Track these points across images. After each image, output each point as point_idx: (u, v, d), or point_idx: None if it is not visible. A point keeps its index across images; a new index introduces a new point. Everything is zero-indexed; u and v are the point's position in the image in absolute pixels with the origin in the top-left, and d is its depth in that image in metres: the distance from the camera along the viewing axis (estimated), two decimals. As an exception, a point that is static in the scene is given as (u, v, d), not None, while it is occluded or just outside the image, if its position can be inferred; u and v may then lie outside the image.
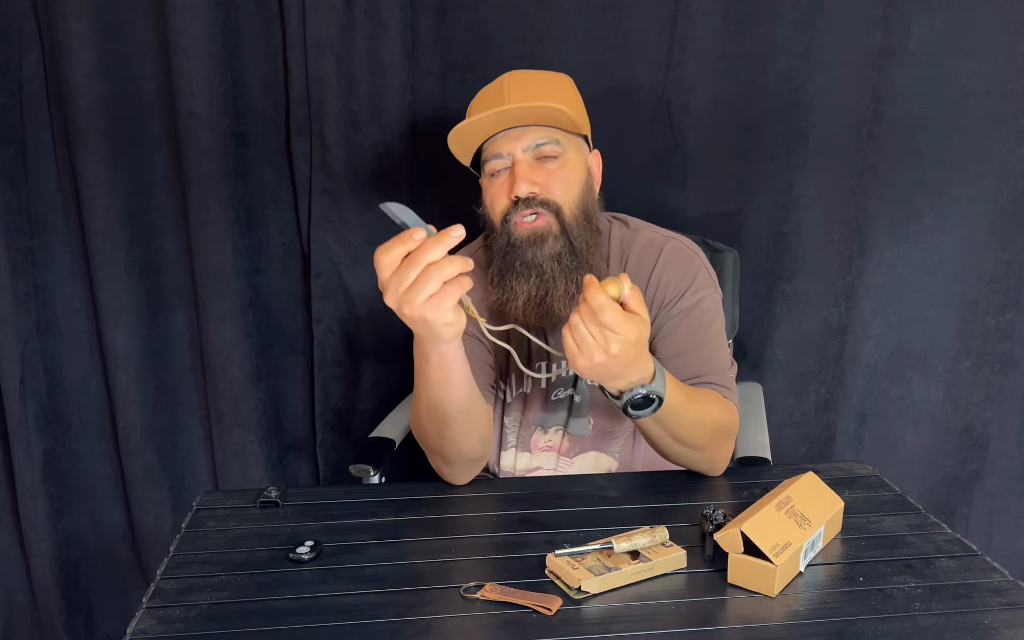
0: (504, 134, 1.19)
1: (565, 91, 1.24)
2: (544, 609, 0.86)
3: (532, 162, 1.18)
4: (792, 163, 1.68)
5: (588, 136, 1.28)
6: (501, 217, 1.19)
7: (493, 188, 1.21)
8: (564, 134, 1.21)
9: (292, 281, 1.84)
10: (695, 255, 1.28)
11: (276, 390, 1.88)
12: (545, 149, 1.19)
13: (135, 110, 1.73)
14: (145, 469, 1.90)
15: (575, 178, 1.21)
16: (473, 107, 1.26)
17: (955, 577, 0.92)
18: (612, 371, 0.97)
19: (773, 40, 1.62)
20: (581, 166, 1.23)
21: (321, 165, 1.73)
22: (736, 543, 0.89)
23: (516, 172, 1.17)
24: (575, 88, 1.28)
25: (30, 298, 1.82)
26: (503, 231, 1.19)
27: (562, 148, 1.20)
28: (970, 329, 1.74)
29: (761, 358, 1.78)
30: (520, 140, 1.18)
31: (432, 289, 0.89)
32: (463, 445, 1.12)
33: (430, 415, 1.09)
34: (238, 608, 0.88)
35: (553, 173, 1.18)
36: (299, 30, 1.65)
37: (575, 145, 1.23)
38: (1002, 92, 1.61)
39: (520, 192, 1.16)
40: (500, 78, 1.24)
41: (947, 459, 1.81)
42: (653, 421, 1.05)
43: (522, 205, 1.16)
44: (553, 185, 1.18)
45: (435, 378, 1.04)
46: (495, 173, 1.21)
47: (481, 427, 1.13)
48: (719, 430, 1.14)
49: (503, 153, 1.19)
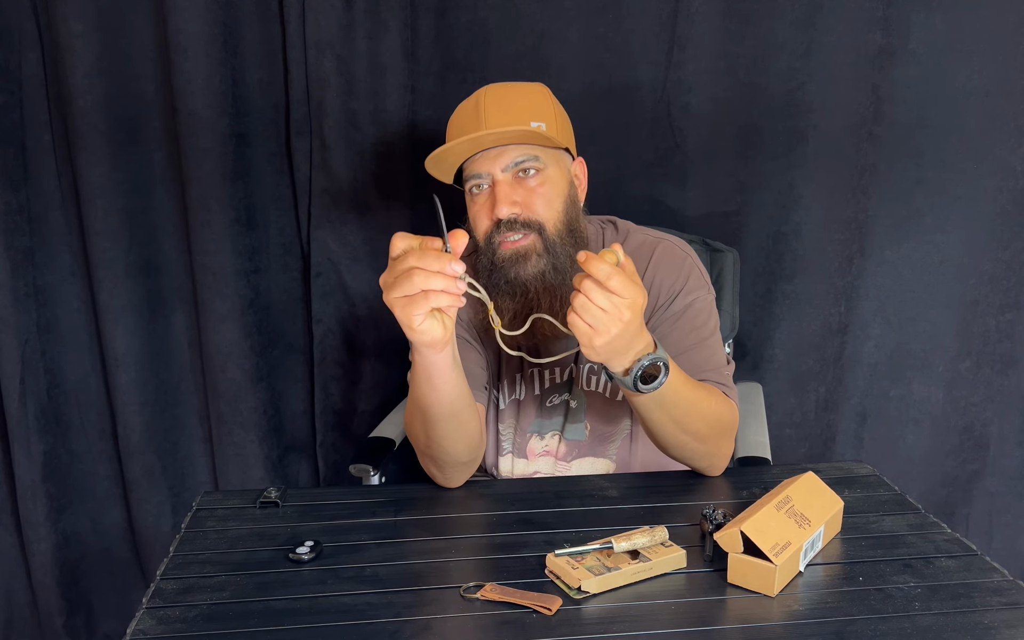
0: (483, 154, 1.17)
1: (543, 105, 1.22)
2: (544, 609, 0.86)
3: (512, 181, 1.16)
4: (792, 163, 1.68)
5: (571, 147, 1.26)
6: (484, 237, 1.18)
7: (475, 207, 1.20)
8: (544, 150, 1.18)
9: (292, 281, 1.84)
10: (687, 255, 1.27)
11: (276, 390, 1.88)
12: (525, 165, 1.17)
13: (135, 110, 1.73)
14: (145, 469, 1.90)
15: (557, 193, 1.19)
16: (451, 126, 1.24)
17: (955, 577, 0.92)
18: (624, 342, 0.97)
19: (773, 40, 1.62)
20: (563, 180, 1.21)
21: (321, 165, 1.73)
22: (736, 543, 0.89)
23: (496, 193, 1.16)
24: (552, 99, 1.25)
25: (30, 298, 1.82)
26: (487, 250, 1.18)
27: (542, 164, 1.17)
28: (970, 329, 1.74)
29: (761, 358, 1.78)
30: (499, 159, 1.16)
31: (407, 291, 0.89)
32: (449, 449, 1.11)
33: (420, 414, 1.09)
34: (238, 608, 0.88)
35: (534, 191, 1.17)
36: (299, 30, 1.65)
37: (556, 159, 1.20)
38: (1002, 92, 1.61)
39: (501, 214, 1.15)
40: (476, 94, 1.22)
41: (947, 459, 1.81)
42: (657, 405, 1.06)
43: (504, 227, 1.15)
44: (535, 203, 1.16)
45: (419, 378, 1.04)
46: (477, 191, 1.20)
47: (469, 434, 1.12)
48: (720, 422, 1.14)
49: (482, 173, 1.17)
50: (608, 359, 1.00)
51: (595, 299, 0.94)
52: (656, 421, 1.09)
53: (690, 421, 1.10)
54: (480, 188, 1.19)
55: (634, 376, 1.01)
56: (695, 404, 1.09)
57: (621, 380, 1.03)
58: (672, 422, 1.09)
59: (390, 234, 0.92)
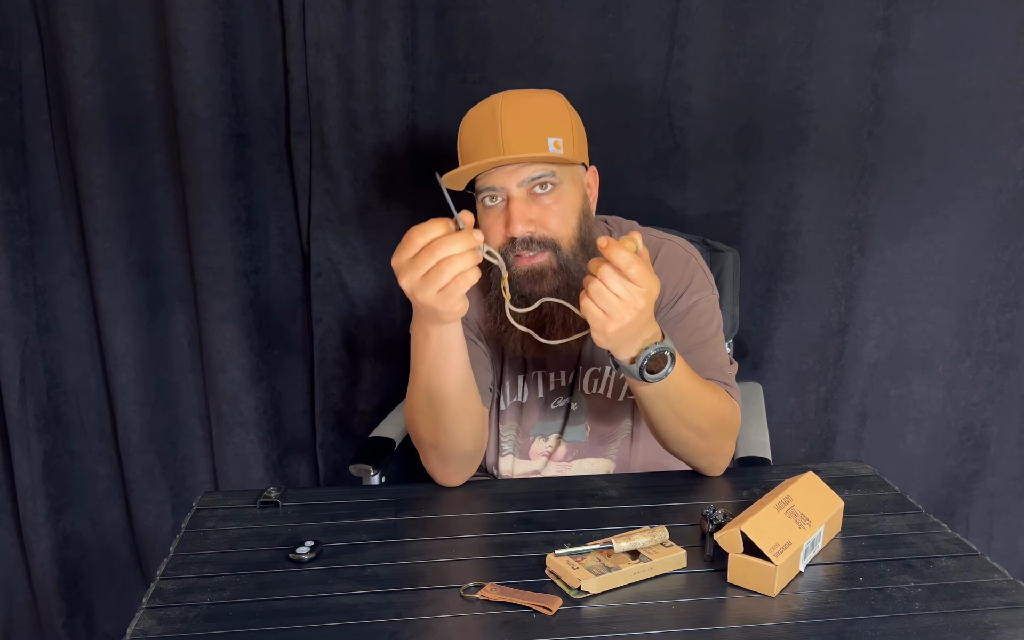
0: (499, 169, 1.16)
1: (561, 118, 1.19)
2: (544, 609, 0.86)
3: (527, 197, 1.15)
4: (792, 163, 1.68)
5: (585, 159, 1.24)
6: (498, 251, 1.17)
7: (488, 219, 1.18)
8: (559, 165, 1.17)
9: (292, 281, 1.84)
10: (691, 256, 1.28)
11: (276, 390, 1.88)
12: (541, 181, 1.15)
13: (135, 110, 1.73)
14: (145, 469, 1.90)
15: (572, 209, 1.18)
16: (465, 134, 1.22)
17: (955, 577, 0.92)
18: (635, 329, 0.98)
19: (773, 40, 1.62)
20: (578, 195, 1.20)
21: (321, 165, 1.73)
22: (736, 543, 0.89)
23: (512, 211, 1.14)
24: (569, 109, 1.23)
25: (30, 298, 1.82)
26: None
27: (558, 180, 1.16)
28: (970, 329, 1.74)
29: (761, 358, 1.78)
30: (515, 175, 1.15)
31: (443, 282, 0.92)
32: (458, 433, 1.11)
33: (427, 400, 1.09)
34: (238, 608, 0.88)
35: (549, 208, 1.16)
36: (299, 30, 1.65)
37: (571, 174, 1.19)
38: (1002, 92, 1.61)
39: (516, 233, 1.14)
40: (492, 102, 1.19)
41: (947, 459, 1.81)
42: (660, 397, 1.06)
43: (520, 246, 1.14)
44: (550, 220, 1.16)
45: (433, 357, 1.04)
46: (491, 202, 1.18)
47: (476, 419, 1.13)
48: (722, 420, 1.15)
49: (496, 186, 1.16)
50: (617, 346, 1.00)
51: (612, 286, 0.94)
52: (659, 413, 1.09)
53: (693, 416, 1.10)
54: (494, 200, 1.18)
55: (640, 364, 1.01)
56: (699, 399, 1.10)
57: (627, 368, 1.03)
58: (675, 415, 1.09)
59: (390, 234, 0.93)
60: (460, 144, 1.24)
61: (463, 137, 1.23)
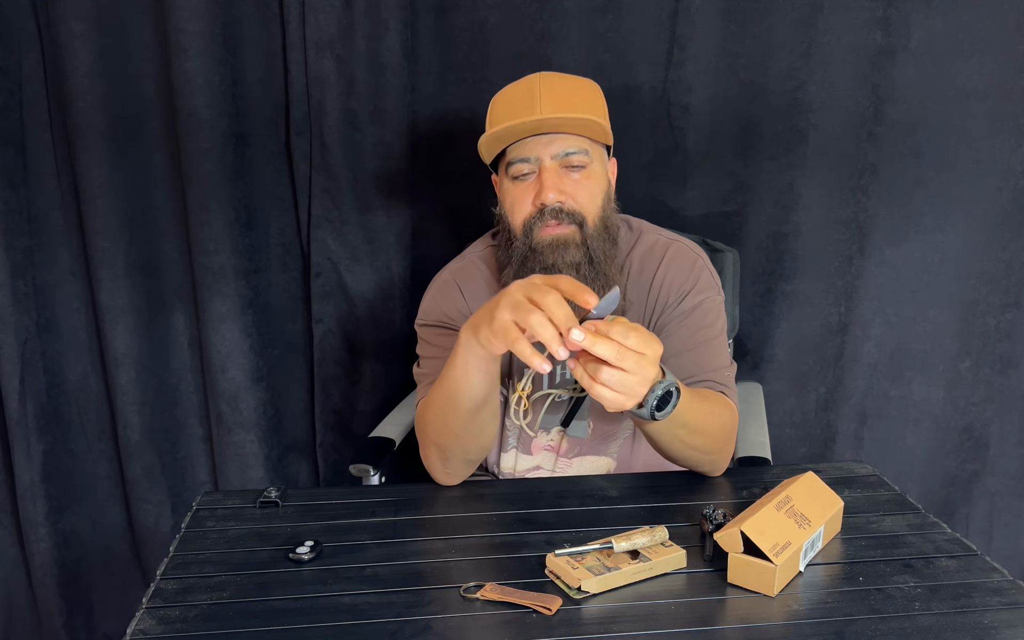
0: (534, 138, 1.18)
1: (596, 100, 1.24)
2: (544, 609, 0.86)
3: (559, 170, 1.18)
4: (792, 163, 1.68)
5: (611, 146, 1.28)
6: (523, 223, 1.19)
7: (516, 191, 1.20)
8: (592, 143, 1.20)
9: (292, 281, 1.84)
10: (698, 257, 1.28)
11: (276, 390, 1.88)
12: (573, 158, 1.18)
13: (135, 110, 1.73)
14: (145, 469, 1.90)
15: (599, 189, 1.21)
16: (497, 106, 1.24)
17: (955, 577, 0.92)
18: (644, 387, 0.94)
19: (773, 40, 1.62)
20: (604, 176, 1.23)
21: (321, 165, 1.73)
22: (736, 543, 0.89)
23: (544, 180, 1.17)
24: (603, 96, 1.27)
25: (30, 298, 1.82)
26: (524, 236, 1.18)
27: (589, 158, 1.19)
28: (970, 329, 1.74)
29: (761, 358, 1.78)
30: (550, 146, 1.17)
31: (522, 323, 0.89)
32: (463, 441, 1.11)
33: (447, 400, 1.07)
34: (238, 608, 0.88)
35: (579, 183, 1.18)
36: (299, 30, 1.65)
37: (600, 155, 1.23)
38: (1002, 92, 1.61)
39: (548, 200, 1.16)
40: (529, 79, 1.22)
41: (947, 459, 1.81)
42: (664, 428, 1.04)
43: (548, 215, 1.16)
44: (579, 195, 1.18)
45: (464, 366, 1.02)
46: (520, 176, 1.20)
47: (486, 437, 1.13)
48: (723, 430, 1.15)
49: (531, 157, 1.18)
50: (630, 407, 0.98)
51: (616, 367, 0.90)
52: (664, 441, 1.09)
53: (696, 438, 1.10)
54: (523, 173, 1.19)
55: (650, 407, 0.97)
56: (701, 421, 1.08)
57: (636, 413, 0.99)
58: (679, 440, 1.09)
59: (390, 234, 0.92)
60: (491, 116, 1.24)
61: (496, 109, 1.24)
